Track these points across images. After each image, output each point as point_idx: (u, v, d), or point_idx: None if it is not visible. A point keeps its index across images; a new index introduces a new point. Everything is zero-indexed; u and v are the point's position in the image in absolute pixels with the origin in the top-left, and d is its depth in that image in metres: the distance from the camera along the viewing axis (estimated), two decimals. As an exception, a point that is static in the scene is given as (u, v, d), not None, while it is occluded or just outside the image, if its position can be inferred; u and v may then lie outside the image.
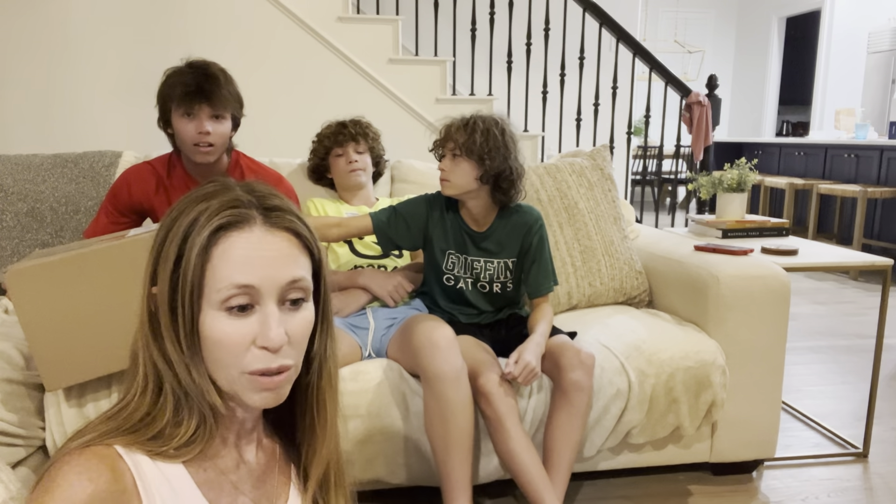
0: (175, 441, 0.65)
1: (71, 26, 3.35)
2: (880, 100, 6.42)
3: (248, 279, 0.64)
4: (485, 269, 1.69)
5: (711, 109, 3.69)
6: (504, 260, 1.69)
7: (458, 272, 1.70)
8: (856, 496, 1.79)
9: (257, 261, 0.64)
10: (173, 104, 1.60)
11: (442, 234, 1.69)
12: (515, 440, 1.45)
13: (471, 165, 1.56)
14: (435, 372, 1.43)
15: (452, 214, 1.69)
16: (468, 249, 1.68)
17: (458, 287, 1.71)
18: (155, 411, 0.66)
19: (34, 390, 1.43)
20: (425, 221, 1.69)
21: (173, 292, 0.65)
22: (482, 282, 1.70)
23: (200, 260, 0.64)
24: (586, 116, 4.75)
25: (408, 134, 3.63)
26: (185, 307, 0.64)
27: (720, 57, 8.30)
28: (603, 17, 3.62)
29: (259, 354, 0.65)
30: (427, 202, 1.70)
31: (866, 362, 2.82)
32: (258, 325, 0.65)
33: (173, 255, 0.65)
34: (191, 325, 0.65)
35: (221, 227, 0.64)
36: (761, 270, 1.77)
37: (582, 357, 1.54)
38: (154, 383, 0.67)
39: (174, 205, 0.68)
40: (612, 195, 2.11)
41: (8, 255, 1.97)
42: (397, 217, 1.70)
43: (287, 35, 3.49)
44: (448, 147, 1.58)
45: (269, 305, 0.65)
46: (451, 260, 1.70)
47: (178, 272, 0.64)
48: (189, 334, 0.65)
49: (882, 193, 4.32)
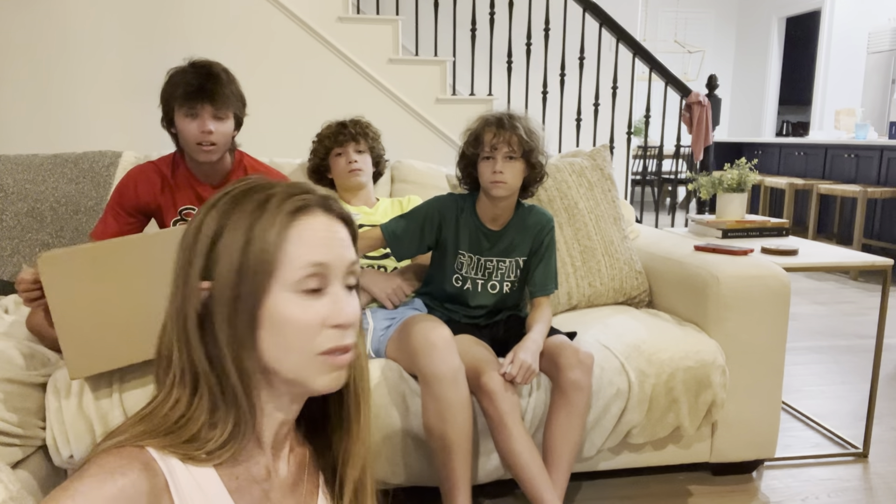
0: (209, 444, 0.64)
1: (71, 26, 3.35)
2: (880, 100, 6.42)
3: (323, 257, 0.66)
4: (497, 268, 1.70)
5: (711, 109, 3.69)
6: (515, 258, 1.71)
7: (467, 272, 1.70)
8: (856, 496, 1.79)
9: (329, 241, 0.67)
10: (176, 104, 1.60)
11: (455, 236, 1.69)
12: (517, 439, 1.45)
13: (522, 166, 1.61)
14: (433, 372, 1.43)
15: (468, 215, 1.69)
16: (482, 250, 1.69)
17: (466, 288, 1.71)
18: (190, 413, 0.65)
19: (34, 390, 1.43)
20: (438, 225, 1.69)
21: (239, 279, 0.64)
22: (493, 281, 1.71)
23: (279, 240, 0.65)
24: (586, 116, 4.75)
25: (408, 134, 3.63)
26: (251, 294, 0.65)
27: (720, 57, 8.30)
28: (603, 17, 3.62)
29: (331, 334, 0.67)
30: (439, 206, 1.69)
31: (866, 362, 2.82)
32: (329, 305, 0.67)
33: (240, 241, 0.65)
34: (253, 312, 0.65)
35: (297, 210, 0.67)
36: (761, 270, 1.77)
37: (581, 356, 1.54)
38: (190, 385, 0.66)
39: (210, 201, 0.68)
40: (611, 195, 2.11)
41: (8, 255, 1.97)
42: (408, 226, 1.69)
43: (287, 35, 3.49)
44: (503, 150, 1.57)
45: (337, 286, 0.68)
46: (462, 261, 1.70)
47: (246, 258, 0.64)
48: (250, 323, 0.65)
49: (882, 193, 4.32)
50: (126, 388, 1.46)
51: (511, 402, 1.47)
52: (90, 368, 1.33)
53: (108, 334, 1.30)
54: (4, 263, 1.96)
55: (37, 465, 1.43)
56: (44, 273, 1.23)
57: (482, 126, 1.61)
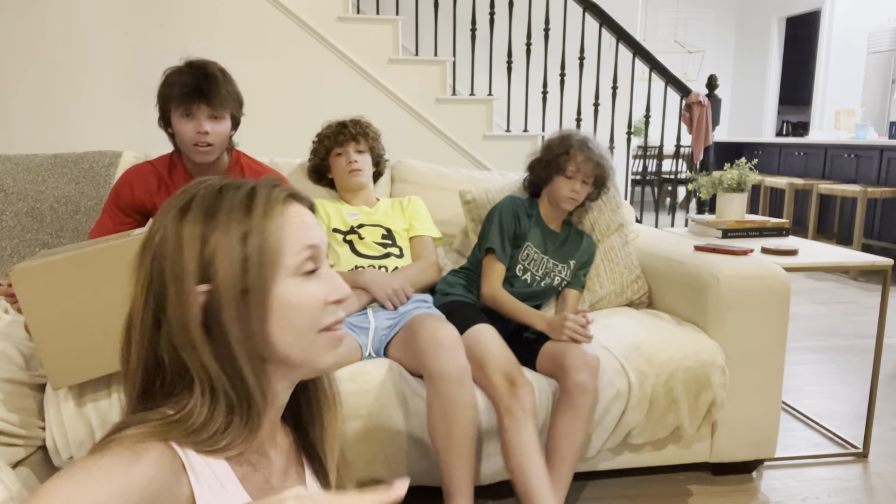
0: (225, 439, 0.65)
1: (71, 26, 3.35)
2: (880, 100, 6.43)
3: (315, 239, 0.70)
4: (555, 269, 1.89)
5: (711, 109, 3.69)
6: (569, 263, 1.91)
7: (530, 266, 1.85)
8: (856, 496, 1.79)
9: (312, 224, 0.71)
10: (172, 104, 1.60)
11: (526, 231, 1.86)
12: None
13: (590, 190, 1.86)
14: (439, 371, 1.43)
15: (536, 218, 1.90)
16: (548, 250, 1.88)
17: (524, 278, 1.85)
18: (208, 415, 0.65)
19: (34, 390, 1.43)
20: (518, 218, 1.86)
21: (244, 273, 0.65)
22: (547, 279, 1.88)
23: (278, 229, 0.67)
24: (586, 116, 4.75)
25: (408, 134, 3.63)
26: (259, 286, 0.65)
27: (720, 57, 8.30)
28: (603, 17, 3.62)
29: (331, 309, 0.70)
30: (512, 204, 1.86)
31: (866, 362, 2.82)
32: (326, 283, 0.70)
33: (236, 237, 0.65)
34: (263, 303, 0.66)
35: (285, 199, 0.70)
36: (761, 270, 1.77)
37: (587, 359, 1.54)
38: (209, 391, 0.66)
39: (171, 209, 0.67)
40: (615, 202, 2.10)
41: (8, 255, 1.97)
42: (502, 235, 1.83)
43: (287, 35, 3.49)
44: (585, 174, 1.81)
45: (325, 265, 0.72)
46: (530, 254, 1.85)
47: (247, 252, 0.65)
48: (261, 314, 0.66)
49: (882, 193, 4.32)
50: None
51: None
52: (72, 378, 1.32)
53: (88, 344, 1.30)
54: (4, 263, 1.96)
55: (37, 465, 1.43)
56: (17, 286, 1.22)
57: (576, 148, 1.80)
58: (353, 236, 1.89)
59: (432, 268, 1.91)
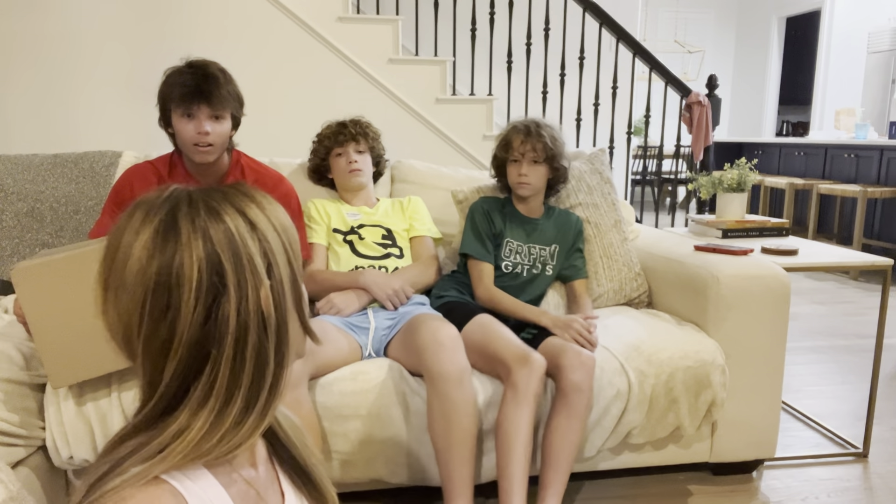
0: (234, 441, 0.62)
1: (71, 27, 3.35)
2: (880, 100, 6.42)
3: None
4: (540, 255, 1.88)
5: (711, 109, 3.69)
6: (556, 245, 1.90)
7: (516, 259, 1.85)
8: (856, 496, 1.79)
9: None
10: (173, 104, 1.59)
11: (503, 226, 1.86)
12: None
13: (545, 169, 1.82)
14: (439, 371, 1.43)
15: (510, 209, 1.89)
16: (527, 237, 1.87)
17: (513, 272, 1.85)
18: (209, 426, 0.61)
19: (34, 390, 1.43)
20: (491, 218, 1.86)
21: (291, 267, 0.65)
22: (537, 265, 1.87)
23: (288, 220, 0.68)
24: (586, 116, 4.75)
25: (408, 134, 3.63)
26: (299, 276, 0.66)
27: (720, 57, 8.30)
28: (603, 17, 3.62)
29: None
30: (482, 204, 1.86)
31: (866, 362, 2.82)
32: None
33: (273, 231, 0.65)
34: (300, 292, 0.67)
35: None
36: (761, 270, 1.77)
37: (583, 358, 1.54)
38: (220, 404, 0.61)
39: (195, 221, 0.61)
40: (611, 198, 2.11)
41: (8, 255, 1.97)
42: (477, 235, 1.83)
43: (287, 35, 3.49)
44: (528, 156, 1.79)
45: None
46: (511, 248, 1.85)
47: (286, 245, 0.66)
48: (305, 302, 0.67)
49: (882, 193, 4.32)
50: (125, 389, 1.46)
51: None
52: (71, 377, 1.32)
53: (88, 343, 1.30)
54: (4, 263, 1.96)
55: (37, 465, 1.43)
56: (17, 286, 1.23)
57: (512, 132, 1.81)
58: (354, 237, 1.89)
59: (432, 268, 1.91)
